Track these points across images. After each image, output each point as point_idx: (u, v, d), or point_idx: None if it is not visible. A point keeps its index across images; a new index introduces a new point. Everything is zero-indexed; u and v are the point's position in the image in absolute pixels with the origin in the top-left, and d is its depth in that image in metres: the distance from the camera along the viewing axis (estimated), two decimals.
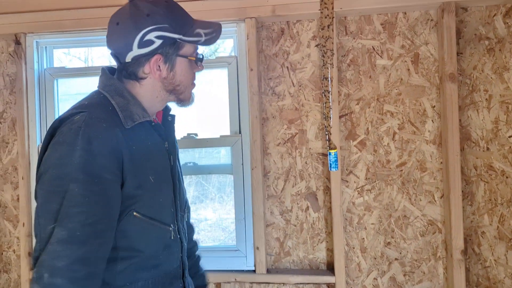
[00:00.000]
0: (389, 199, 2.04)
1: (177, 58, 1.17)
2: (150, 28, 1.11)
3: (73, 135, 1.00)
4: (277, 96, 2.12)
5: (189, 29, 1.17)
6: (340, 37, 2.08)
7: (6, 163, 2.26)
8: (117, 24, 1.15)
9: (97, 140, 1.01)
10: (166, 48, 1.15)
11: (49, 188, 0.99)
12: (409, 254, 2.02)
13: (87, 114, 1.05)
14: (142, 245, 1.13)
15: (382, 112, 2.05)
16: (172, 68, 1.18)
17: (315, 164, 2.09)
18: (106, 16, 2.11)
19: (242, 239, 2.11)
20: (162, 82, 1.18)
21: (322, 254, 2.09)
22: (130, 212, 1.09)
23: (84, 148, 0.99)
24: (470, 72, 1.99)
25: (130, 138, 1.10)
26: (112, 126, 1.06)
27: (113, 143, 1.04)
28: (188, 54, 1.19)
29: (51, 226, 0.96)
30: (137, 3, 1.15)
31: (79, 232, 0.96)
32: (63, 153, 1.00)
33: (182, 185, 1.39)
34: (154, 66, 1.15)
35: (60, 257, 0.94)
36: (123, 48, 1.14)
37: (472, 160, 1.98)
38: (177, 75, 1.19)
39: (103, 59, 3.22)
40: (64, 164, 0.99)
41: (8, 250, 2.26)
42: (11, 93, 2.25)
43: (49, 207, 0.98)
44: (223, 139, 2.14)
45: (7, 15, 2.17)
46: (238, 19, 2.07)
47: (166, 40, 1.14)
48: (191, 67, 1.22)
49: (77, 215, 0.96)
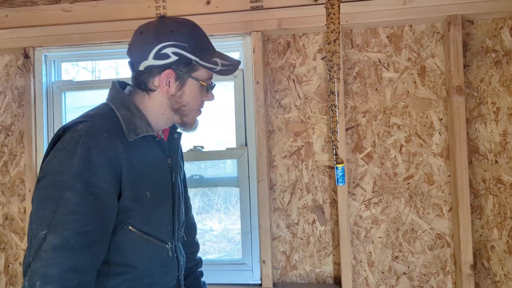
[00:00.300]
0: (396, 212, 2.02)
1: (188, 78, 1.18)
2: (169, 43, 1.14)
3: (73, 143, 1.01)
4: (283, 109, 2.12)
5: (207, 55, 1.19)
6: (346, 50, 2.08)
7: (14, 175, 2.27)
8: (140, 33, 1.19)
9: (96, 150, 1.02)
10: (180, 66, 1.16)
11: (45, 194, 0.99)
12: (417, 268, 2.00)
13: (89, 124, 1.06)
14: (136, 261, 1.12)
15: (389, 124, 2.04)
16: (182, 87, 1.19)
17: (321, 176, 2.08)
18: (112, 30, 2.16)
19: (248, 253, 2.10)
20: (170, 99, 1.19)
21: (329, 268, 2.07)
22: (125, 226, 1.09)
23: (83, 157, 0.99)
24: (477, 85, 1.98)
25: (131, 151, 1.10)
26: (113, 137, 1.07)
27: (113, 154, 1.05)
28: (200, 78, 1.20)
29: (42, 233, 0.95)
30: (165, 20, 1.19)
31: (73, 240, 0.96)
32: (61, 160, 1.00)
33: (183, 203, 1.37)
34: (164, 80, 1.16)
35: (53, 264, 0.93)
36: (139, 56, 1.16)
37: (481, 173, 1.96)
38: (185, 96, 1.20)
39: (110, 71, 3.25)
40: (61, 171, 0.99)
41: (14, 263, 2.26)
42: (19, 106, 2.27)
43: (43, 213, 0.97)
44: (229, 152, 2.14)
45: (16, 29, 2.20)
46: (244, 33, 2.08)
47: (182, 58, 1.15)
48: (201, 92, 1.23)
49: (72, 223, 0.96)
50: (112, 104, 1.17)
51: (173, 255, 1.23)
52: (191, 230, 1.54)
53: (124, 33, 2.13)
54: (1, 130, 2.28)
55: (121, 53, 2.27)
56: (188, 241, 1.50)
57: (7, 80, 2.29)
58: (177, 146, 1.32)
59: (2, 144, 2.28)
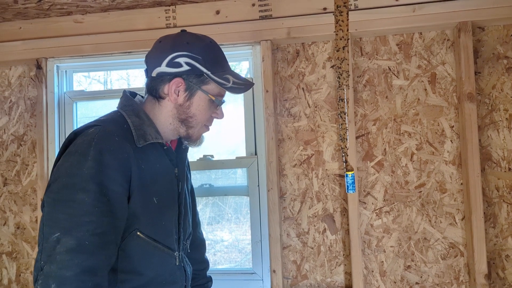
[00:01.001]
0: (408, 221, 1.99)
1: (198, 90, 1.19)
2: (183, 53, 1.17)
3: (86, 146, 1.02)
4: (293, 117, 2.12)
5: (220, 71, 1.20)
6: (356, 58, 2.08)
7: (26, 185, 2.29)
8: (159, 42, 1.23)
9: (108, 153, 1.03)
10: (191, 76, 1.18)
11: (57, 196, 0.99)
12: (430, 278, 1.96)
13: (101, 128, 1.07)
14: (143, 268, 1.12)
15: (400, 132, 2.02)
16: (190, 97, 1.19)
17: (332, 185, 2.07)
18: (123, 41, 2.18)
19: (259, 262, 2.08)
20: (177, 108, 1.20)
21: (340, 278, 2.05)
22: (133, 232, 1.09)
23: (95, 159, 1.00)
24: (489, 92, 1.96)
25: (140, 157, 1.11)
26: (123, 141, 1.08)
27: (124, 157, 1.06)
28: (210, 92, 1.20)
29: (55, 235, 0.95)
30: (185, 33, 1.23)
31: (88, 241, 0.96)
32: (74, 163, 1.01)
33: (190, 215, 1.37)
34: (173, 87, 1.17)
35: (68, 266, 0.93)
36: (154, 63, 1.19)
37: (494, 181, 1.94)
38: (193, 107, 1.20)
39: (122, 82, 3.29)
40: (74, 174, 1.00)
41: (25, 272, 2.27)
42: (32, 116, 2.30)
43: (55, 216, 0.97)
44: (239, 161, 2.14)
45: (29, 41, 2.23)
46: (254, 42, 2.09)
47: (193, 69, 1.17)
48: (209, 106, 1.23)
49: (86, 225, 0.96)
50: (123, 111, 1.19)
51: (180, 264, 1.23)
52: (200, 246, 1.54)
53: (135, 44, 2.16)
54: (13, 140, 2.31)
55: (132, 63, 2.29)
56: (197, 257, 1.50)
57: (20, 91, 2.33)
58: (185, 157, 1.33)
59: (15, 153, 2.31)
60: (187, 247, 1.34)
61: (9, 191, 2.30)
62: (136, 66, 2.36)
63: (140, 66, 2.37)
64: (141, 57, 2.20)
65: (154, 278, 1.14)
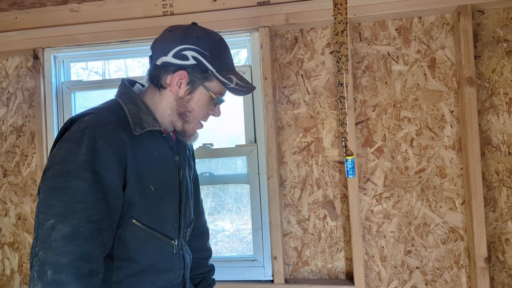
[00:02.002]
0: (408, 206, 2.00)
1: (200, 86, 1.19)
2: (192, 47, 1.16)
3: (80, 134, 1.02)
4: (292, 105, 2.11)
5: (225, 70, 1.20)
6: (355, 43, 2.06)
7: (26, 176, 2.29)
8: (169, 31, 1.22)
9: (102, 140, 1.02)
10: (195, 71, 1.17)
11: (52, 184, 0.99)
12: (430, 263, 1.97)
13: (96, 115, 1.07)
14: (139, 255, 1.12)
15: (399, 118, 2.02)
16: (191, 92, 1.19)
17: (331, 172, 2.07)
18: (120, 29, 2.16)
19: (260, 249, 2.09)
20: (177, 101, 1.20)
21: (341, 264, 2.06)
22: (129, 220, 1.09)
23: (89, 147, 1.00)
24: (489, 75, 1.95)
25: (137, 144, 1.11)
26: (119, 129, 1.08)
27: (118, 145, 1.05)
28: (212, 90, 1.20)
29: (49, 222, 0.95)
30: (196, 26, 1.22)
31: (83, 228, 0.96)
32: (68, 150, 1.01)
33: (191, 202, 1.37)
34: (176, 79, 1.17)
35: (64, 253, 0.93)
36: (160, 51, 1.18)
37: (494, 165, 1.94)
38: (192, 102, 1.20)
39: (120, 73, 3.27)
40: (68, 161, 1.00)
41: (27, 262, 2.28)
42: (30, 107, 2.29)
43: (50, 203, 0.97)
44: (238, 149, 2.13)
45: (25, 31, 2.22)
46: (252, 28, 2.07)
47: (199, 64, 1.17)
48: (208, 103, 1.22)
49: (81, 212, 0.96)
50: (120, 100, 1.18)
51: (178, 252, 1.22)
52: (203, 235, 1.54)
53: (131, 32, 2.14)
54: (12, 131, 2.31)
55: (129, 52, 2.27)
56: (200, 246, 1.50)
57: (18, 82, 2.31)
58: (185, 144, 1.32)
59: (14, 145, 2.30)
60: (187, 234, 1.33)
61: (9, 182, 2.30)
62: (133, 55, 2.35)
63: (137, 55, 2.36)
64: (138, 46, 2.20)
65: (150, 265, 1.14)
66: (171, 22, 2.00)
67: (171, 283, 1.20)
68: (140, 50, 2.25)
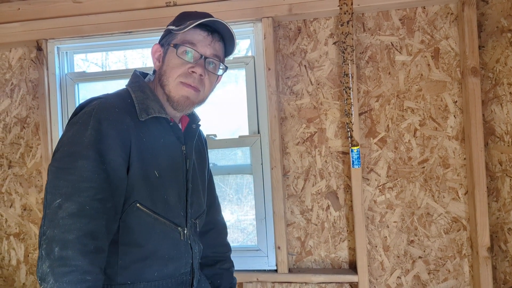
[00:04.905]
0: (411, 196, 2.01)
1: (168, 47, 1.21)
2: (167, 25, 1.25)
3: (87, 117, 1.05)
4: (295, 95, 2.11)
5: (185, 22, 1.20)
6: (358, 34, 2.06)
7: (31, 167, 2.30)
8: None
9: (107, 122, 1.05)
10: (164, 39, 1.24)
11: (59, 165, 1.01)
12: (433, 252, 1.99)
13: (103, 100, 1.11)
14: (144, 240, 1.12)
15: (403, 108, 2.02)
16: (164, 57, 1.22)
17: (335, 162, 2.08)
18: (123, 20, 2.16)
19: (263, 239, 2.11)
20: (158, 74, 1.23)
21: (344, 253, 2.07)
22: (133, 204, 1.10)
23: (95, 128, 1.03)
24: (492, 66, 1.94)
25: (142, 130, 1.12)
26: (124, 113, 1.10)
27: (123, 128, 1.07)
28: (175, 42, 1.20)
29: (57, 202, 0.96)
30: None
31: (89, 206, 0.97)
32: (75, 133, 1.04)
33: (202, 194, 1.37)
34: (155, 56, 1.24)
35: (71, 230, 0.94)
36: None
37: (497, 155, 1.94)
38: (164, 65, 1.21)
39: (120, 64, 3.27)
40: (75, 142, 1.02)
41: (33, 253, 2.30)
42: (34, 98, 2.30)
43: (57, 183, 0.99)
44: (242, 140, 2.14)
45: (28, 22, 2.21)
46: (255, 19, 2.07)
47: (166, 31, 1.24)
48: (177, 58, 1.18)
49: (87, 190, 0.98)
50: (129, 87, 1.21)
51: (186, 240, 1.22)
52: (222, 231, 1.55)
53: (134, 23, 2.13)
54: (16, 123, 2.32)
55: (132, 43, 2.27)
56: (219, 242, 1.52)
57: (21, 73, 2.32)
58: (194, 135, 1.32)
59: (18, 136, 2.31)
60: (197, 226, 1.32)
61: (14, 174, 2.32)
62: (136, 46, 2.34)
63: (140, 46, 2.36)
64: (141, 37, 2.20)
65: (156, 251, 1.14)
66: (174, 13, 1.97)
67: (178, 272, 1.20)
68: (143, 41, 2.25)
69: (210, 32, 1.20)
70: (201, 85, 1.20)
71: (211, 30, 1.21)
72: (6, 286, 2.33)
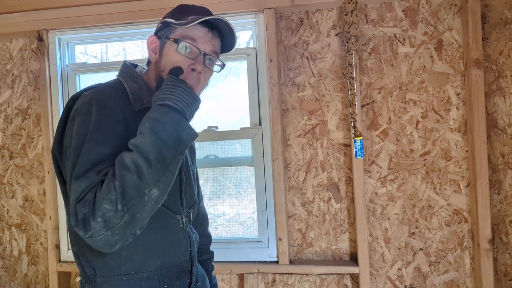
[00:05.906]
0: (413, 188, 2.01)
1: (167, 41, 1.18)
2: (164, 17, 1.23)
3: (87, 106, 1.05)
4: (297, 87, 2.10)
5: (185, 16, 1.18)
6: (361, 25, 2.04)
7: (32, 158, 2.30)
8: None
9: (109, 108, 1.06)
10: (162, 31, 1.20)
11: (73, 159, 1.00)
12: (434, 244, 1.99)
13: (97, 89, 1.09)
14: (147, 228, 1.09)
15: (405, 100, 2.01)
16: (161, 50, 1.19)
17: (336, 154, 2.07)
18: (124, 11, 2.15)
19: (264, 231, 2.11)
20: (155, 67, 1.21)
21: (345, 245, 2.08)
22: None
23: (99, 113, 1.04)
24: (496, 58, 1.93)
25: (137, 119, 1.09)
26: (120, 102, 1.10)
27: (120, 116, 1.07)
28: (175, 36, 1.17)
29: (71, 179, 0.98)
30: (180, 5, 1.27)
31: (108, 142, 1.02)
32: (80, 123, 1.03)
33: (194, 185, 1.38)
34: (151, 47, 1.21)
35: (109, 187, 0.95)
36: None
37: (499, 147, 1.93)
38: (163, 59, 1.18)
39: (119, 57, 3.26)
40: (84, 132, 1.02)
41: (35, 243, 2.31)
42: (35, 89, 2.29)
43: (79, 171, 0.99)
44: (243, 132, 2.14)
45: (29, 12, 2.20)
46: (257, 10, 2.05)
47: (164, 23, 1.21)
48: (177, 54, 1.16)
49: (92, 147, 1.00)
50: (121, 78, 1.20)
51: (184, 228, 1.23)
52: (202, 220, 1.54)
53: (136, 14, 2.12)
54: (18, 114, 2.31)
55: (133, 34, 2.26)
56: (200, 232, 1.50)
57: (22, 64, 2.31)
58: None
59: (20, 127, 2.31)
60: (191, 215, 1.33)
61: (15, 165, 2.32)
62: (137, 37, 2.33)
63: (141, 37, 2.34)
64: (142, 28, 2.19)
65: (158, 240, 1.15)
66: (174, 4, 1.97)
67: (179, 260, 1.21)
68: (143, 32, 2.24)
69: (210, 28, 1.19)
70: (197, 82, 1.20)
71: (211, 27, 1.20)
72: (8, 276, 2.34)
